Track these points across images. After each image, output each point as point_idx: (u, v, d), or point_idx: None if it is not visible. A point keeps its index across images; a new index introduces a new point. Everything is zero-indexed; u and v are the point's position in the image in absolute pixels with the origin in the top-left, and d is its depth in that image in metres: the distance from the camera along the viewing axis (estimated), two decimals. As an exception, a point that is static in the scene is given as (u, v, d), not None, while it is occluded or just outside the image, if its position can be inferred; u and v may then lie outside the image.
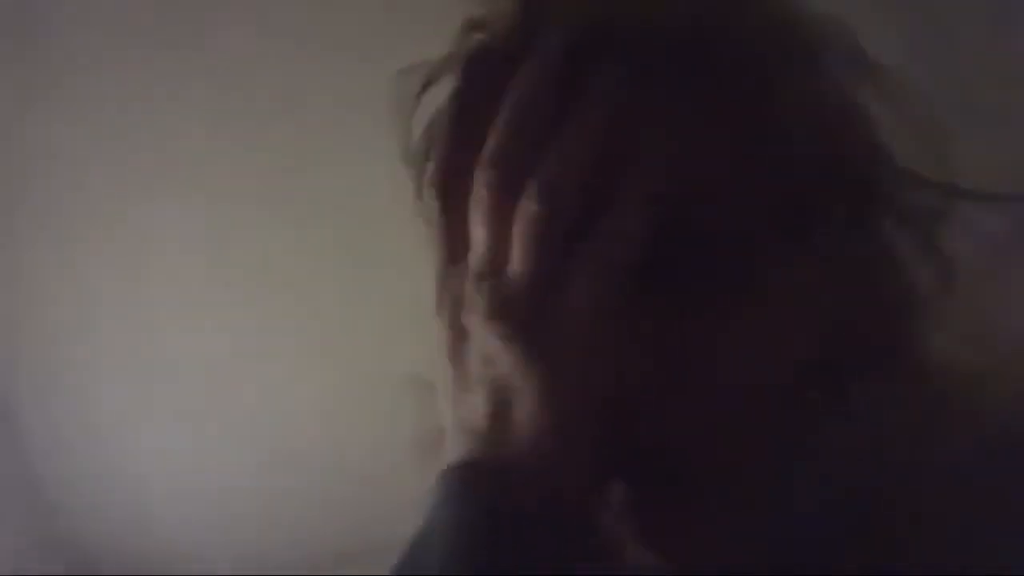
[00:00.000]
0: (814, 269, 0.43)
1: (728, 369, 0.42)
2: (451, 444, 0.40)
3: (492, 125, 0.40)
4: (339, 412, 1.41)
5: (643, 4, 0.44)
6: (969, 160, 0.46)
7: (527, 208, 0.39)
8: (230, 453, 1.49)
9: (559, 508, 0.38)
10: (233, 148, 1.38)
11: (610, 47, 0.41)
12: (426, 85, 0.47)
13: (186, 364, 1.48)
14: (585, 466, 0.39)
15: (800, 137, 0.43)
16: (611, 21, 0.43)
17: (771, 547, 0.43)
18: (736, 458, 0.42)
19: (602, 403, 0.39)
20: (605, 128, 0.40)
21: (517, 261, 0.39)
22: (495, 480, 0.38)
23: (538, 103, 0.40)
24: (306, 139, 1.34)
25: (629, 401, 0.40)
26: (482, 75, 0.42)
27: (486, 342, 0.39)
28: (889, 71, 0.46)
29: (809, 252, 0.43)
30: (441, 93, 0.45)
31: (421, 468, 0.42)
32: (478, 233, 0.40)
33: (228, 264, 1.43)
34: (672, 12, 0.43)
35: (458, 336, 0.41)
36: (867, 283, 0.46)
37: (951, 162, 0.45)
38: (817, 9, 0.46)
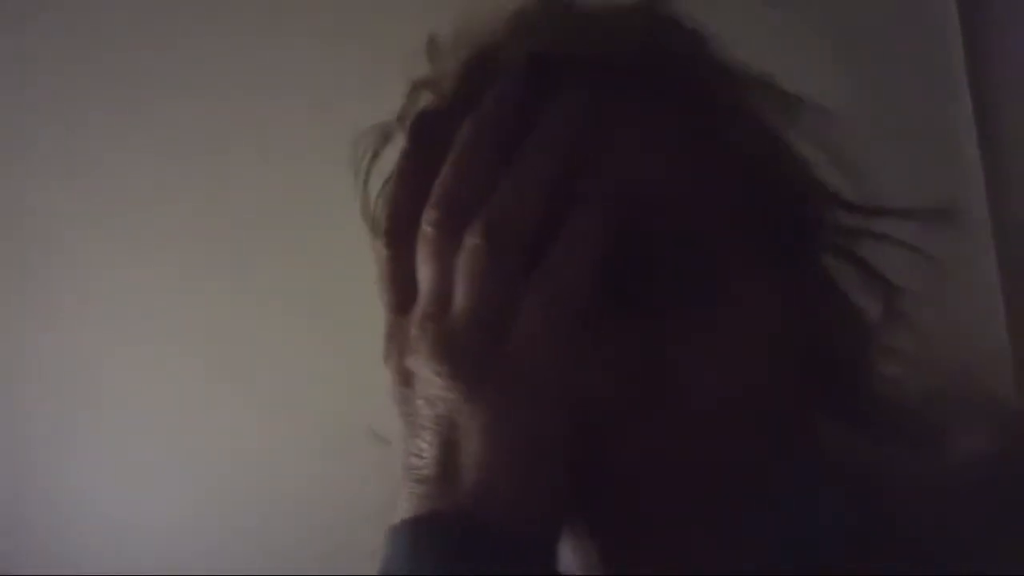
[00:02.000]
0: (769, 283, 0.45)
1: (687, 383, 0.42)
2: (402, 494, 0.38)
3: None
4: (291, 461, 1.40)
5: (591, 37, 0.45)
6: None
7: (470, 243, 0.39)
8: (173, 498, 1.47)
9: (514, 555, 0.37)
10: (188, 199, 1.38)
11: (556, 85, 0.42)
12: (380, 144, 0.48)
13: (133, 409, 1.46)
14: (540, 504, 0.38)
15: (744, 162, 0.45)
16: (565, 52, 0.44)
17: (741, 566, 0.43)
18: (701, 483, 0.42)
19: (555, 437, 0.38)
20: (552, 164, 0.40)
21: (460, 297, 0.39)
22: (443, 536, 0.37)
23: (482, 147, 0.41)
24: (265, 189, 1.35)
25: (585, 429, 0.39)
26: (428, 133, 0.43)
27: (429, 383, 0.39)
28: (811, 108, 0.48)
29: (764, 266, 0.45)
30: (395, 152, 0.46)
31: (375, 520, 0.41)
32: (423, 273, 0.40)
33: (179, 310, 1.42)
34: (618, 44, 0.45)
35: (404, 380, 0.40)
36: (821, 312, 0.47)
37: (869, 188, 0.48)
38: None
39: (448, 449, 0.38)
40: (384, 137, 0.49)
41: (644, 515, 0.42)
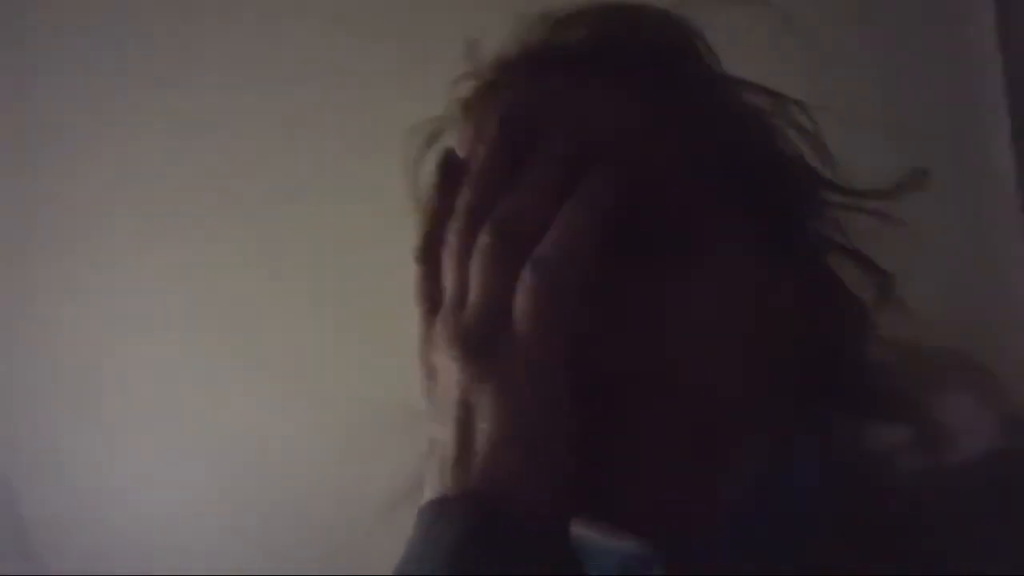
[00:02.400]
0: (752, 255, 0.48)
1: (679, 331, 0.45)
2: (430, 479, 0.42)
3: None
4: (307, 453, 1.42)
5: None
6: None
7: (482, 241, 0.43)
8: (184, 493, 1.49)
9: (532, 532, 0.40)
10: (212, 187, 1.38)
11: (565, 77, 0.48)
12: (431, 140, 0.54)
13: (144, 402, 1.47)
14: (546, 477, 0.41)
15: (723, 138, 0.49)
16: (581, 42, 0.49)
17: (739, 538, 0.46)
18: (684, 435, 0.45)
19: (556, 408, 0.41)
20: (553, 170, 0.44)
21: (474, 291, 0.43)
22: (453, 517, 0.40)
23: (496, 164, 0.45)
24: (285, 177, 1.36)
25: (587, 397, 0.43)
26: (453, 168, 0.47)
27: (448, 371, 0.43)
28: (795, 102, 0.53)
29: (747, 238, 0.48)
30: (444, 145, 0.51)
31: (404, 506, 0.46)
32: (448, 278, 0.44)
33: (207, 297, 1.43)
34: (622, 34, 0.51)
35: (431, 375, 0.44)
36: (813, 291, 0.50)
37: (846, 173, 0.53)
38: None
39: (464, 431, 0.41)
40: (434, 133, 0.54)
41: (631, 463, 0.45)
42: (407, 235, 0.48)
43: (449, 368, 0.42)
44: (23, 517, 1.53)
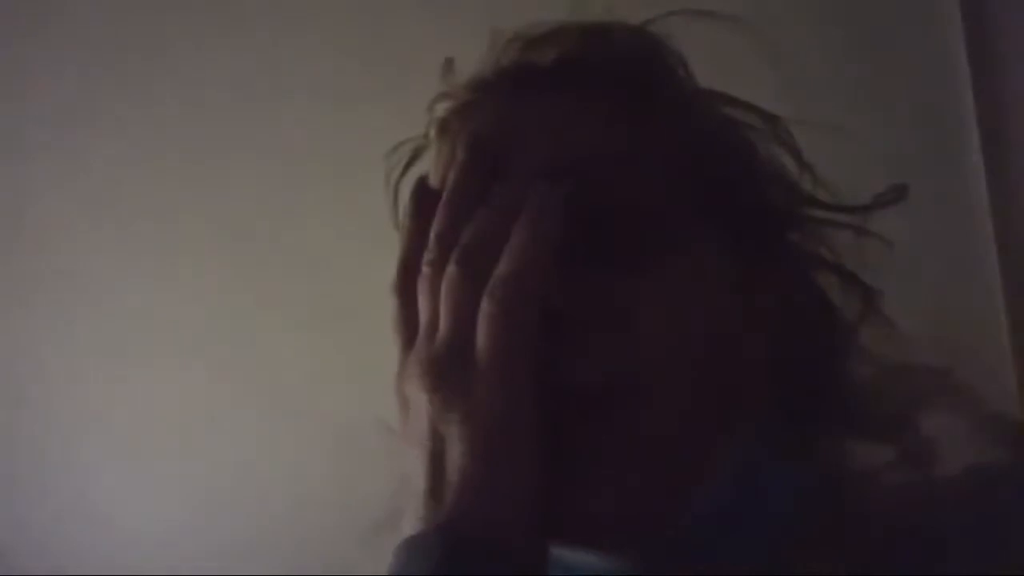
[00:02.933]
0: (725, 261, 0.48)
1: (646, 345, 0.45)
2: (408, 509, 0.42)
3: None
4: (298, 465, 1.42)
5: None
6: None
7: (449, 271, 0.44)
8: (179, 503, 1.48)
9: (509, 563, 0.40)
10: (194, 201, 1.39)
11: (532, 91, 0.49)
12: (410, 161, 0.55)
13: (149, 417, 1.47)
14: (516, 500, 0.41)
15: (709, 157, 0.50)
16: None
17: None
18: (650, 443, 0.45)
19: (521, 431, 0.42)
20: (513, 197, 0.44)
21: (442, 320, 0.43)
22: (428, 554, 0.40)
23: (464, 193, 0.45)
24: (271, 192, 1.36)
25: (555, 414, 0.43)
26: (427, 198, 0.47)
27: (420, 402, 0.43)
28: (772, 116, 0.53)
29: (721, 245, 0.48)
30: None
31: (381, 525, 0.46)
32: (421, 308, 0.45)
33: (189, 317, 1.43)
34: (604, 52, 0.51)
35: (404, 405, 0.44)
36: (792, 301, 0.50)
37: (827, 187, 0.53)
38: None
39: (436, 461, 0.42)
40: (413, 155, 0.55)
41: (598, 478, 0.44)
42: (395, 256, 0.48)
43: (420, 399, 0.43)
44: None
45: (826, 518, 0.47)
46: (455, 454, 0.41)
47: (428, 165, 0.52)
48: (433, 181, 0.49)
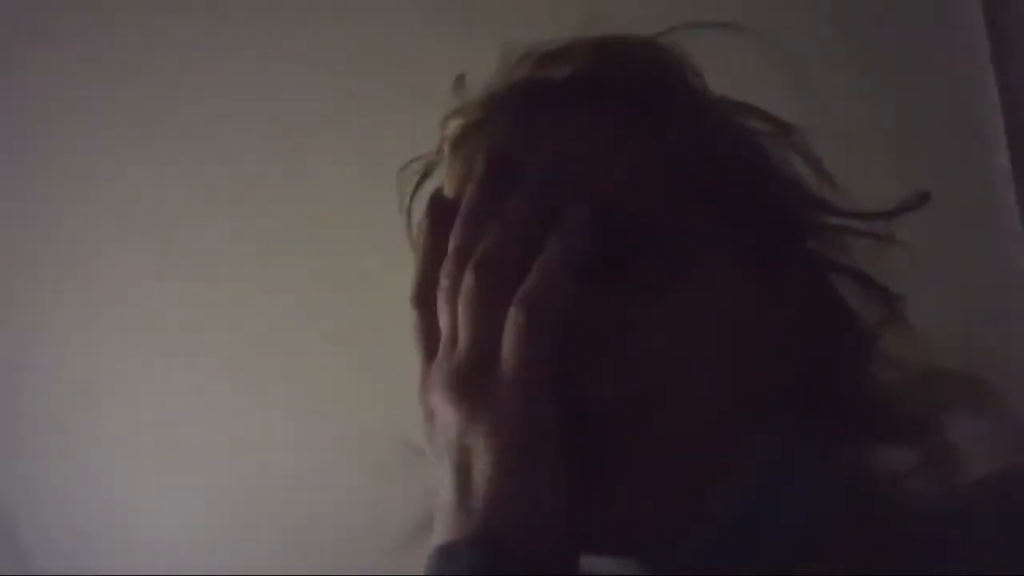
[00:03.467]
0: (744, 273, 0.48)
1: (667, 357, 0.45)
2: (435, 522, 0.42)
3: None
4: (313, 476, 1.43)
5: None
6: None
7: (465, 283, 0.44)
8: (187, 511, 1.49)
9: (540, 571, 0.40)
10: (212, 211, 1.39)
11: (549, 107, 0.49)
12: (423, 178, 0.55)
13: (173, 432, 1.48)
14: (546, 511, 0.41)
15: (725, 167, 0.50)
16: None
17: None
18: (667, 452, 0.45)
19: (548, 443, 0.42)
20: (527, 207, 0.45)
21: (462, 332, 0.43)
22: (459, 565, 0.40)
23: (481, 206, 0.46)
24: (298, 213, 1.36)
25: (582, 425, 0.43)
26: (442, 210, 0.48)
27: (443, 414, 0.43)
28: (789, 125, 0.53)
29: (741, 259, 0.48)
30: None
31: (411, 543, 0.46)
32: (442, 321, 0.45)
33: (216, 333, 1.43)
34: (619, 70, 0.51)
35: (429, 418, 0.44)
36: (813, 311, 0.50)
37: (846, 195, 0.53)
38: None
39: (463, 473, 0.42)
40: (425, 171, 0.55)
41: (622, 487, 0.44)
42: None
43: (445, 411, 0.43)
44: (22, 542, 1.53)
45: (848, 523, 0.47)
46: (482, 465, 0.41)
47: (440, 181, 0.52)
48: (448, 195, 0.50)
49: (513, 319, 0.42)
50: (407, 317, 0.47)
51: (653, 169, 0.48)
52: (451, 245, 0.45)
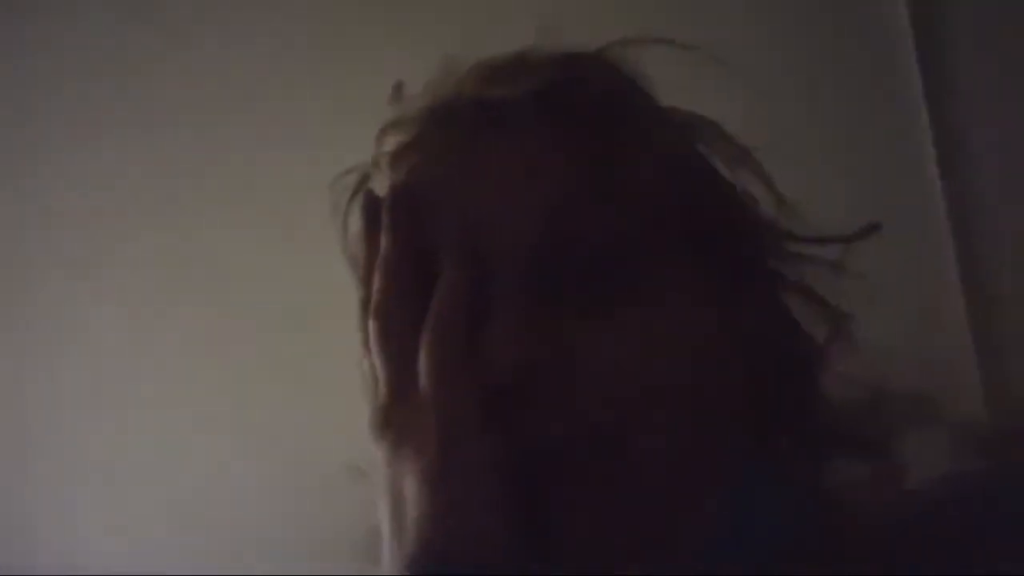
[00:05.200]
0: (701, 295, 0.48)
1: (605, 373, 0.44)
2: (382, 556, 0.43)
3: None
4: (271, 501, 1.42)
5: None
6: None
7: (371, 326, 0.46)
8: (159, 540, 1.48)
9: None
10: (165, 241, 1.38)
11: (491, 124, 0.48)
12: (357, 188, 0.54)
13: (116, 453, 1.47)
14: (485, 544, 0.41)
15: (680, 189, 0.50)
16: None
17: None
18: (625, 473, 0.44)
19: (472, 469, 0.42)
20: (397, 243, 0.47)
21: (379, 372, 0.46)
22: None
23: (392, 251, 0.47)
24: (239, 228, 1.36)
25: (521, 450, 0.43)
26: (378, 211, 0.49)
27: (376, 450, 0.44)
28: (751, 151, 0.53)
29: (697, 279, 0.48)
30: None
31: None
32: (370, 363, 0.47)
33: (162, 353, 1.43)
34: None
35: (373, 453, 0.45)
36: (766, 331, 0.50)
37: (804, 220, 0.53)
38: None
39: (397, 504, 0.43)
40: (361, 180, 0.54)
41: (572, 506, 0.44)
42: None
43: (376, 448, 0.45)
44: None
45: (811, 535, 0.47)
46: (409, 493, 0.42)
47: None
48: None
49: (420, 355, 0.44)
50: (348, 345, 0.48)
51: (606, 187, 0.47)
52: (359, 296, 0.48)
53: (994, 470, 0.51)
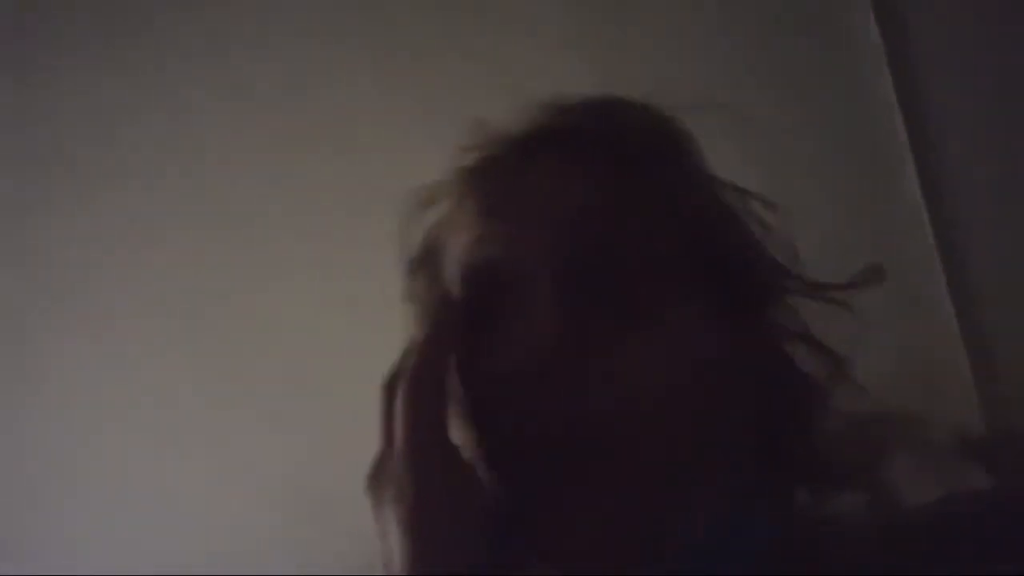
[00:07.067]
0: (706, 323, 0.52)
1: (628, 402, 0.48)
2: None
3: None
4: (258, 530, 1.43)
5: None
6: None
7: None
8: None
9: None
10: (156, 273, 1.38)
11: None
12: (425, 206, 0.58)
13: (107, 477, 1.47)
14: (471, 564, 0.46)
15: (706, 234, 0.54)
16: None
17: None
18: (623, 484, 0.48)
19: (453, 512, 0.47)
20: None
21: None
22: None
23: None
24: (230, 259, 1.36)
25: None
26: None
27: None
28: (763, 200, 0.57)
29: (704, 309, 0.52)
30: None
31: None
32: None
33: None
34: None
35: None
36: (767, 363, 0.54)
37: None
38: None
39: (388, 551, 0.47)
40: (426, 200, 0.58)
41: (568, 512, 0.48)
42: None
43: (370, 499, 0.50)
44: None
45: (800, 561, 0.50)
46: (395, 535, 0.47)
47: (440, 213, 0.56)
48: (443, 229, 0.55)
49: (399, 417, 0.48)
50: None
51: (636, 214, 0.52)
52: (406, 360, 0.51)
53: (989, 493, 0.54)
